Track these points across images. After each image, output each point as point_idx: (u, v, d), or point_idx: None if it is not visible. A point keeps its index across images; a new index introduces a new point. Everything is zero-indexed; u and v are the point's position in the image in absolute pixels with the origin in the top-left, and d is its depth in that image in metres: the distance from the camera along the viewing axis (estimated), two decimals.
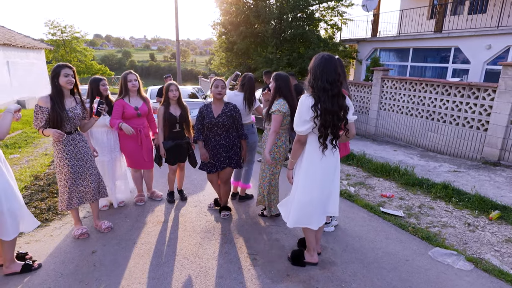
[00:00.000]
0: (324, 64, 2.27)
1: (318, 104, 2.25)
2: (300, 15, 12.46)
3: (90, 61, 31.76)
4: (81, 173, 3.05)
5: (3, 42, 13.71)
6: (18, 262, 2.67)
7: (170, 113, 3.69)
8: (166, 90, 3.70)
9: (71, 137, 2.98)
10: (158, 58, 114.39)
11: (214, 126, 3.38)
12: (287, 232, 3.37)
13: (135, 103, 3.71)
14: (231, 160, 3.49)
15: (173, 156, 3.83)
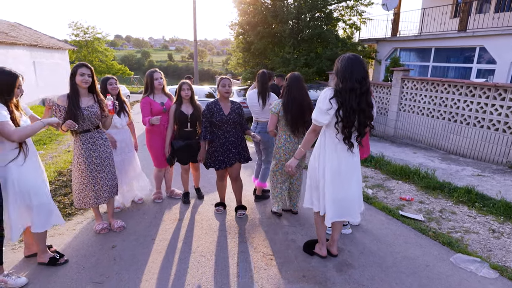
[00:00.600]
0: (352, 64, 2.28)
1: (337, 97, 2.29)
2: (318, 15, 12.36)
3: (111, 61, 32.62)
4: (98, 171, 3.10)
5: (30, 43, 14.28)
6: (48, 253, 2.78)
7: (181, 112, 3.68)
8: (179, 89, 3.74)
9: (89, 135, 3.03)
10: (176, 58, 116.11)
11: (225, 123, 3.44)
12: (303, 233, 3.35)
13: (160, 100, 3.79)
14: (240, 156, 3.57)
15: (184, 156, 3.83)
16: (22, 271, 2.68)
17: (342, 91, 2.29)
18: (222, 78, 3.45)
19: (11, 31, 14.41)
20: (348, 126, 2.33)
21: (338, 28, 13.20)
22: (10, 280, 2.46)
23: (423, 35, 10.80)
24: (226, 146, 3.48)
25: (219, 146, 3.48)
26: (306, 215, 3.75)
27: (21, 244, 3.10)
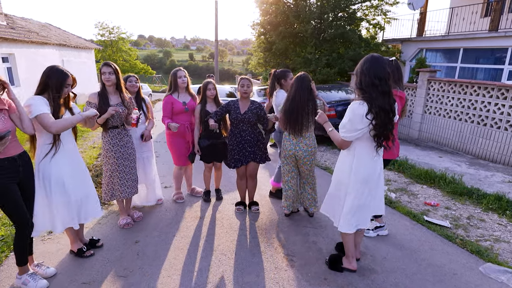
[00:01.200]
0: (370, 61, 2.22)
1: (372, 107, 2.16)
2: (341, 15, 12.18)
3: (134, 60, 33.46)
4: (125, 166, 3.24)
5: (60, 43, 14.86)
6: (79, 243, 2.90)
7: (206, 111, 3.71)
8: (204, 89, 3.74)
9: (117, 131, 3.19)
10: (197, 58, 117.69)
11: (240, 122, 3.51)
12: (324, 235, 3.30)
13: (183, 99, 3.79)
14: (255, 155, 3.61)
15: (209, 155, 3.85)
16: (51, 261, 2.79)
17: (364, 88, 2.21)
18: (241, 78, 3.53)
19: (42, 31, 15.05)
20: (381, 124, 2.20)
21: (361, 28, 12.97)
22: (40, 270, 2.58)
23: (451, 35, 10.41)
24: (242, 145, 3.56)
25: (235, 144, 3.58)
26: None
27: (50, 236, 3.24)
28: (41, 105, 2.37)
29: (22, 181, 2.33)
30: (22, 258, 2.41)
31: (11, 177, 2.23)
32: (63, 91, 2.49)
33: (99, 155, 6.37)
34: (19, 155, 2.31)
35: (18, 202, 2.27)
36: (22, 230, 2.34)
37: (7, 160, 2.21)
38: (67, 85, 2.52)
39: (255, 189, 3.89)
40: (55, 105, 2.46)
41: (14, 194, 2.24)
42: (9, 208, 2.26)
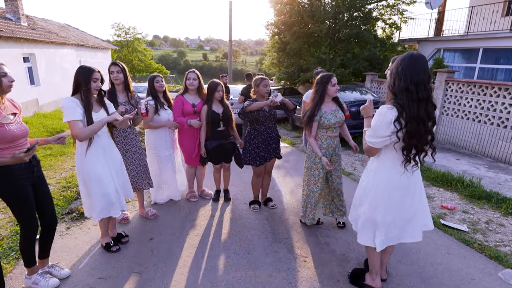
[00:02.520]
0: (408, 62, 1.90)
1: (402, 115, 1.88)
2: (356, 14, 12.03)
3: (149, 60, 33.95)
4: (128, 164, 3.33)
5: (78, 43, 15.23)
6: (108, 237, 2.99)
7: (213, 111, 3.69)
8: (213, 90, 3.70)
9: (122, 129, 3.25)
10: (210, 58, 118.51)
11: (267, 119, 3.56)
12: (337, 237, 3.27)
13: (193, 100, 3.77)
14: (277, 151, 3.74)
15: (217, 156, 3.84)
16: (69, 256, 2.87)
17: (396, 93, 1.93)
18: (263, 79, 3.57)
19: (61, 32, 15.46)
20: (410, 135, 1.91)
21: (376, 27, 12.77)
22: (54, 272, 2.58)
23: (470, 34, 10.14)
24: (268, 142, 3.62)
25: (261, 142, 3.59)
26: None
27: (68, 231, 3.32)
28: (72, 110, 2.44)
29: (36, 182, 2.34)
30: (29, 260, 2.40)
31: (27, 178, 2.24)
32: (92, 85, 2.52)
33: None
34: (32, 156, 2.30)
35: (32, 204, 2.28)
36: (28, 231, 2.31)
37: (23, 163, 2.19)
38: (95, 79, 2.54)
39: (269, 185, 3.99)
40: (86, 102, 2.51)
41: (29, 196, 2.25)
42: (20, 211, 2.25)
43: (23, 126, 2.24)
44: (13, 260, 2.81)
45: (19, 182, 2.19)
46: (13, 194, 2.19)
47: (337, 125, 3.16)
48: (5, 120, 2.10)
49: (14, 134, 2.11)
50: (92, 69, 2.54)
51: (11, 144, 2.12)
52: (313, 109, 3.09)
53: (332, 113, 3.12)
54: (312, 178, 3.24)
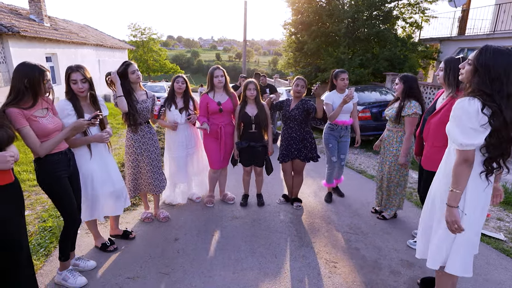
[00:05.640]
0: (494, 53, 1.68)
1: (487, 108, 1.65)
2: (375, 13, 11.79)
3: (164, 60, 34.35)
4: (145, 163, 3.29)
5: (96, 43, 15.50)
6: (102, 238, 2.99)
7: (245, 113, 3.62)
8: (244, 88, 3.63)
9: (139, 128, 3.23)
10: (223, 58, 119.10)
11: (288, 119, 3.65)
12: (367, 242, 3.16)
13: (219, 98, 3.66)
14: (300, 153, 3.67)
15: (247, 158, 3.76)
16: (96, 255, 2.86)
17: (494, 96, 1.65)
18: (297, 79, 3.64)
19: (81, 32, 15.76)
20: (497, 145, 1.68)
21: (397, 27, 12.50)
22: (81, 263, 2.63)
23: (497, 33, 9.79)
24: (288, 142, 3.68)
25: (283, 140, 3.73)
26: (371, 221, 3.55)
27: None
28: (61, 115, 2.41)
29: (71, 175, 2.38)
30: (64, 253, 2.44)
31: (64, 170, 2.29)
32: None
33: None
34: (68, 149, 2.38)
35: (70, 196, 2.32)
36: (70, 225, 2.38)
37: (60, 154, 2.27)
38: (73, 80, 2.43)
39: (299, 185, 3.96)
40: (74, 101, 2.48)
41: (67, 188, 2.30)
42: (61, 202, 2.31)
43: (56, 120, 2.28)
44: (42, 256, 2.82)
45: (57, 174, 2.24)
46: (53, 185, 2.25)
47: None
48: (39, 113, 2.15)
49: (47, 128, 2.16)
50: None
51: (45, 138, 2.16)
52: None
53: None
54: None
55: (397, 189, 3.44)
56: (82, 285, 2.45)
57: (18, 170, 4.92)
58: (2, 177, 1.76)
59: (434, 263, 1.98)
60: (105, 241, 2.96)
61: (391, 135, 3.37)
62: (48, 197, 2.33)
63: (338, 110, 3.68)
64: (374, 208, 3.80)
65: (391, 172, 3.38)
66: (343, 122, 3.90)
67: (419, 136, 2.87)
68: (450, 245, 1.91)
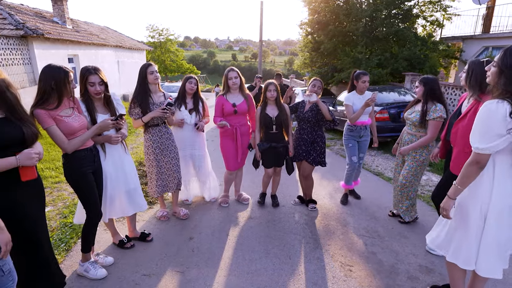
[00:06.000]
0: None
1: None
2: (395, 12, 11.54)
3: (181, 60, 34.78)
4: (165, 162, 3.34)
5: (116, 44, 15.88)
6: (119, 235, 3.05)
7: (266, 114, 3.61)
8: (265, 90, 3.62)
9: (157, 129, 3.29)
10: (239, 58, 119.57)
11: (301, 120, 3.67)
12: (383, 246, 3.10)
13: (234, 100, 3.68)
14: (309, 155, 3.65)
15: (269, 159, 3.73)
16: (114, 251, 2.93)
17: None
18: (315, 79, 3.62)
19: (101, 34, 16.18)
20: None
21: (417, 25, 12.18)
22: (100, 259, 2.72)
23: None
24: (298, 142, 3.71)
25: (295, 140, 3.77)
26: (389, 225, 3.48)
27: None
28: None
29: (96, 171, 2.48)
30: (87, 245, 2.55)
31: (89, 166, 2.39)
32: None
33: None
34: (94, 146, 2.48)
35: (94, 191, 2.42)
36: (93, 218, 2.49)
37: (86, 151, 2.37)
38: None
39: (310, 188, 3.93)
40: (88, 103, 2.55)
41: (92, 183, 2.40)
42: (85, 196, 2.41)
43: (81, 118, 2.36)
44: (63, 251, 2.91)
45: (83, 170, 2.34)
46: (78, 180, 2.35)
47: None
48: (64, 113, 2.24)
49: (73, 126, 2.25)
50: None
51: (72, 136, 2.26)
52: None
53: None
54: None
55: (411, 194, 3.35)
56: (102, 276, 2.55)
57: (41, 167, 5.11)
58: (26, 173, 1.83)
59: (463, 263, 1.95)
60: (122, 238, 3.02)
61: (413, 139, 3.24)
62: (74, 191, 2.43)
63: (359, 112, 3.67)
64: (392, 212, 3.72)
65: (408, 177, 3.27)
66: (362, 122, 3.85)
67: (445, 139, 2.79)
68: (478, 245, 1.88)
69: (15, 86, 1.84)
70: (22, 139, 1.81)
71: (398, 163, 3.48)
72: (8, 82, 1.79)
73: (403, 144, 3.38)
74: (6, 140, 1.74)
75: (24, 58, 9.03)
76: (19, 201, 1.85)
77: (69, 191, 4.30)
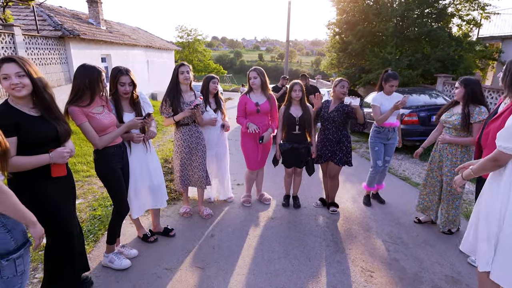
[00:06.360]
0: None
1: None
2: (428, 11, 11.09)
3: (208, 60, 35.35)
4: (192, 161, 3.42)
5: (146, 45, 16.40)
6: (143, 229, 3.16)
7: (289, 114, 3.61)
8: (290, 90, 3.62)
9: (187, 128, 3.36)
10: (266, 58, 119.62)
11: (326, 120, 3.59)
12: (407, 253, 3.00)
13: (257, 99, 3.69)
14: (335, 155, 3.60)
15: (290, 159, 3.72)
16: (138, 245, 3.04)
17: None
18: (342, 80, 3.56)
19: (133, 34, 16.79)
20: None
21: (451, 25, 11.64)
22: (124, 251, 2.82)
23: None
24: (324, 143, 3.64)
25: (319, 141, 3.72)
26: (414, 232, 3.36)
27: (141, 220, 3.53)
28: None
29: (123, 167, 2.59)
30: (112, 237, 2.66)
31: (118, 162, 2.50)
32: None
33: None
34: (122, 142, 2.59)
35: (122, 186, 2.54)
36: (120, 211, 2.60)
37: (116, 147, 2.48)
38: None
39: (335, 190, 3.87)
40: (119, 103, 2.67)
41: (120, 178, 2.51)
42: (114, 191, 2.52)
43: (111, 116, 2.48)
44: (91, 242, 3.06)
45: (113, 165, 2.46)
46: (107, 175, 2.46)
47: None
48: (96, 111, 2.35)
49: (104, 123, 2.35)
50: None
51: (103, 132, 2.36)
52: None
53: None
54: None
55: (456, 202, 3.18)
56: (126, 266, 2.66)
57: (74, 161, 5.38)
58: (57, 170, 1.94)
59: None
60: (146, 232, 3.13)
61: (454, 145, 3.09)
62: (103, 185, 2.55)
63: (387, 114, 3.60)
64: (418, 218, 3.59)
65: (451, 184, 3.04)
66: (391, 124, 3.75)
67: (478, 143, 2.66)
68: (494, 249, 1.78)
69: (50, 86, 1.94)
70: (56, 136, 1.92)
71: (433, 168, 3.31)
72: (45, 82, 1.89)
73: (442, 150, 3.18)
74: (41, 138, 1.86)
75: (61, 58, 9.54)
76: (50, 194, 1.95)
77: (99, 185, 4.50)
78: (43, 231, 1.61)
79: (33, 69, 1.83)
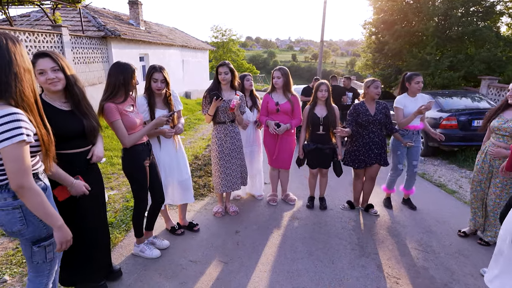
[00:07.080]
0: None
1: None
2: (473, 9, 10.42)
3: (241, 60, 35.73)
4: (226, 161, 3.43)
5: (181, 44, 16.92)
6: (171, 222, 3.28)
7: (314, 114, 3.59)
8: (316, 89, 3.61)
9: (223, 126, 3.40)
10: (299, 58, 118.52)
11: (371, 123, 3.48)
12: (437, 262, 2.87)
13: (278, 99, 3.69)
14: (380, 157, 3.57)
15: (314, 160, 3.71)
16: (167, 237, 3.17)
17: None
18: (375, 81, 3.47)
19: (170, 34, 17.39)
20: None
21: (500, 24, 10.86)
22: (157, 242, 2.95)
23: None
24: (369, 146, 3.54)
25: (361, 145, 3.55)
26: (446, 241, 3.20)
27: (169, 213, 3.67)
28: (140, 110, 2.69)
29: (151, 163, 2.67)
30: (138, 230, 2.76)
31: (146, 159, 2.60)
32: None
33: (207, 146, 6.99)
34: (148, 140, 2.68)
35: (147, 182, 2.62)
36: (140, 205, 2.67)
37: (143, 145, 2.58)
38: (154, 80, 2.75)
39: (371, 191, 3.85)
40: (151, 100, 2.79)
41: (145, 175, 2.59)
42: (139, 187, 2.59)
43: (140, 115, 2.59)
44: (123, 231, 3.24)
45: (142, 163, 2.54)
46: (135, 172, 2.55)
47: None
48: (128, 108, 2.46)
49: (134, 121, 2.46)
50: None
51: (133, 130, 2.46)
52: None
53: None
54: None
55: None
56: (157, 256, 2.80)
57: (110, 155, 5.70)
58: (63, 194, 1.90)
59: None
60: (174, 224, 3.25)
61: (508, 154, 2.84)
62: (128, 181, 2.66)
63: (411, 117, 3.49)
64: (464, 231, 3.34)
65: (503, 196, 2.90)
66: (415, 126, 3.63)
67: None
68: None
69: (82, 82, 1.98)
70: (83, 132, 1.95)
71: (482, 179, 3.06)
72: (76, 78, 1.93)
73: (494, 160, 2.93)
74: (68, 132, 1.89)
75: (103, 57, 10.12)
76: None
77: None
78: (68, 237, 1.56)
79: (66, 63, 1.87)
